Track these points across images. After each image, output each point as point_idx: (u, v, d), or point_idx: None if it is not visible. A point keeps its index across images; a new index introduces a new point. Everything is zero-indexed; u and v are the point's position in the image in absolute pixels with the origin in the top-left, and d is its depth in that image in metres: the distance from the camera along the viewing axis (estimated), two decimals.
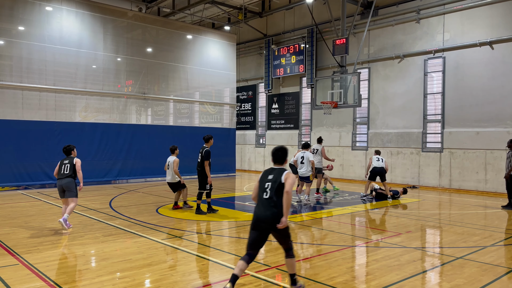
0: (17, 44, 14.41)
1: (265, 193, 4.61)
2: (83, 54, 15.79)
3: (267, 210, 4.53)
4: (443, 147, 15.33)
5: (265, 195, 4.60)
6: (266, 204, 4.56)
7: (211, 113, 20.75)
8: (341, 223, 9.15)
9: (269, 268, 5.67)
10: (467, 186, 14.67)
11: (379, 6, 17.04)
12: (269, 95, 22.13)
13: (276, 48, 21.10)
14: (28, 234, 7.50)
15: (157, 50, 18.49)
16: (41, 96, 14.84)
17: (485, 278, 5.36)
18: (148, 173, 17.72)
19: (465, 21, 14.84)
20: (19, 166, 14.29)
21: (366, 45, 17.58)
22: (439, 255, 6.55)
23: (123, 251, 6.46)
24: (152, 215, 9.54)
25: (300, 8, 20.16)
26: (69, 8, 15.47)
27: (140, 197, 12.70)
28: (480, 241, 7.50)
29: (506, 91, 13.86)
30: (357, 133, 18.20)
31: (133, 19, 17.56)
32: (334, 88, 15.28)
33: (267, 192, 4.59)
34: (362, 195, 12.55)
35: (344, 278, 5.31)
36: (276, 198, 4.53)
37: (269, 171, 4.79)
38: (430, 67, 15.90)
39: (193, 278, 5.31)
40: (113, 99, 16.89)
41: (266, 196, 4.59)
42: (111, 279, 5.17)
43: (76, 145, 15.22)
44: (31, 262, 5.78)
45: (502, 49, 13.99)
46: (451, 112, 15.18)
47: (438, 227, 8.82)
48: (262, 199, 4.61)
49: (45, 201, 11.49)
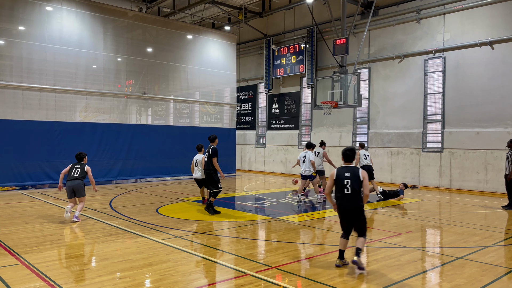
0: (17, 44, 14.40)
1: (346, 189, 5.62)
2: (83, 54, 15.79)
3: (352, 204, 5.61)
4: (443, 147, 15.33)
5: (346, 191, 5.62)
6: (349, 198, 5.62)
7: (211, 113, 20.75)
8: None
9: (269, 268, 5.67)
10: (467, 186, 14.66)
11: (379, 6, 17.04)
12: (269, 95, 22.13)
13: (276, 48, 21.10)
14: (28, 234, 7.50)
15: (157, 50, 18.49)
16: (41, 96, 14.84)
17: (486, 278, 5.36)
18: (148, 173, 17.73)
19: (465, 21, 14.84)
20: (19, 166, 14.28)
21: (366, 45, 17.58)
22: (440, 255, 6.54)
23: (123, 251, 6.47)
24: (152, 215, 9.54)
25: (300, 8, 20.15)
26: (69, 8, 15.47)
27: (140, 197, 12.70)
28: (481, 241, 7.50)
29: (506, 91, 13.86)
30: (357, 133, 18.20)
31: (133, 19, 17.56)
32: (334, 88, 15.28)
33: (348, 188, 5.61)
34: None
35: (344, 278, 5.31)
36: (357, 193, 5.60)
37: (344, 170, 5.73)
38: (430, 67, 15.90)
39: (193, 278, 5.31)
40: (113, 99, 16.89)
41: (348, 192, 5.61)
42: (111, 279, 5.17)
43: (76, 145, 15.48)
44: (31, 262, 5.78)
45: (502, 49, 13.98)
46: (451, 112, 15.18)
47: (439, 227, 8.82)
48: (345, 194, 5.64)
49: (45, 201, 11.49)
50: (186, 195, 12.92)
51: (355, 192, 5.60)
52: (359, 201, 5.63)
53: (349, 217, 5.73)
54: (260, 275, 5.34)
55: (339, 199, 5.72)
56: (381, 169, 16.88)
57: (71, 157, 15.17)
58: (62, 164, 15.01)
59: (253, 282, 5.10)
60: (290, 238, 7.57)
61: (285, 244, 7.09)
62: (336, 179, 5.75)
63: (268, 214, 10.12)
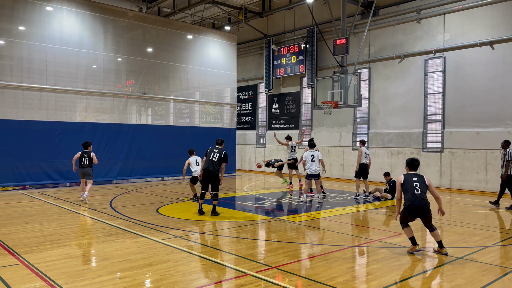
0: (17, 44, 14.41)
1: (416, 190, 6.52)
2: (84, 54, 15.79)
3: (421, 201, 6.45)
4: (444, 147, 15.33)
5: (416, 192, 6.51)
6: (419, 197, 6.48)
7: (211, 113, 20.75)
8: (341, 223, 9.15)
9: (270, 268, 5.67)
10: (467, 186, 14.66)
11: (379, 6, 17.03)
12: (269, 95, 22.13)
13: (276, 48, 21.10)
14: (28, 234, 7.50)
15: (158, 50, 18.49)
16: (41, 96, 14.85)
17: (486, 278, 5.36)
18: (148, 173, 17.74)
19: (466, 21, 14.83)
20: (19, 166, 14.29)
21: (367, 45, 17.58)
22: (439, 255, 6.54)
23: (124, 251, 6.47)
24: (153, 215, 9.55)
25: (300, 8, 20.16)
26: (69, 8, 15.47)
27: (141, 197, 12.71)
28: (481, 241, 7.50)
29: (506, 91, 13.85)
30: (358, 133, 18.20)
31: (133, 19, 17.56)
32: (335, 88, 15.28)
33: (418, 190, 6.52)
34: (357, 195, 12.85)
35: (344, 278, 5.31)
36: (425, 194, 6.56)
37: (411, 175, 6.75)
38: (430, 67, 15.89)
39: (194, 278, 5.31)
40: (114, 99, 16.89)
41: (418, 192, 6.50)
42: (112, 279, 5.17)
43: (77, 145, 15.48)
44: (32, 262, 5.78)
45: (502, 49, 13.98)
46: (452, 112, 15.18)
47: (439, 227, 8.80)
48: (415, 194, 6.51)
49: (46, 201, 11.49)
50: (186, 195, 12.92)
51: (423, 193, 6.55)
52: (426, 200, 6.58)
53: (414, 213, 6.58)
54: (260, 275, 5.34)
55: (410, 199, 6.57)
56: (382, 169, 16.85)
57: (71, 157, 15.23)
58: (62, 164, 15.12)
59: (253, 282, 5.10)
60: (290, 238, 7.57)
61: (285, 244, 7.09)
62: (404, 183, 6.68)
63: (268, 214, 10.12)
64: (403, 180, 6.68)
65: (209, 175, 9.50)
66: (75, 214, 9.55)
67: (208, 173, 9.50)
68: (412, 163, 6.91)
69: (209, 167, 9.49)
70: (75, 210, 10.14)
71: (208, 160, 9.55)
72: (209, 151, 9.68)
